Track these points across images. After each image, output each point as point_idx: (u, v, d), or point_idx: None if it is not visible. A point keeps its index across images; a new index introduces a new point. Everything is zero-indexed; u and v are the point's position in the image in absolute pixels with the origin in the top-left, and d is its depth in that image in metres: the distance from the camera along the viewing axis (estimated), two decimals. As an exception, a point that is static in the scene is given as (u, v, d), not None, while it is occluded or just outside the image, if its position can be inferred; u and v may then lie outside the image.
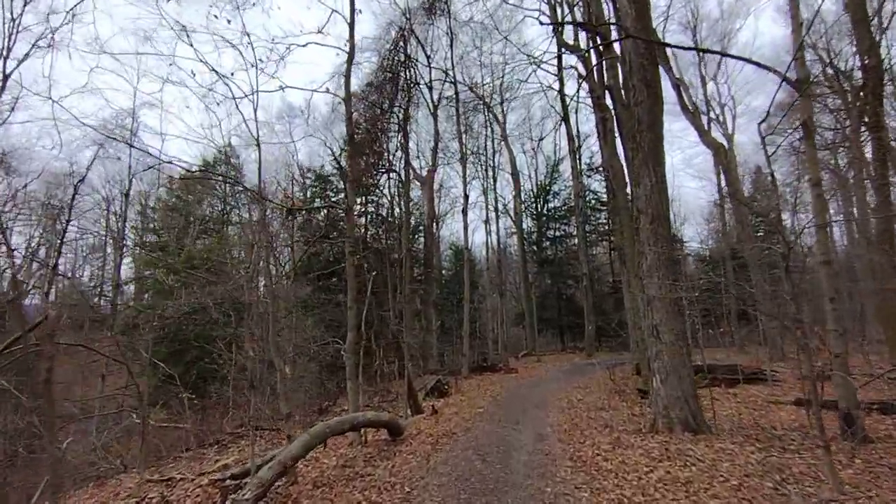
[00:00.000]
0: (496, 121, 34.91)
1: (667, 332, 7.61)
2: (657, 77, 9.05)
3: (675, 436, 6.97)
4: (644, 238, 8.21)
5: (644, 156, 8.52)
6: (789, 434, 7.44)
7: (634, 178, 8.68)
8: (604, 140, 17.12)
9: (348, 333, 7.72)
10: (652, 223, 8.17)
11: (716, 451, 6.20)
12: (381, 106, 22.03)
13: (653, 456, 6.07)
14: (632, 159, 8.86)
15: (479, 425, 9.07)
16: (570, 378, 17.34)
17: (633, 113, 8.95)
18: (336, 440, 7.58)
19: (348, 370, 7.70)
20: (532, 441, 7.63)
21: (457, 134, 22.72)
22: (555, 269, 36.67)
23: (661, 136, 8.83)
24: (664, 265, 7.96)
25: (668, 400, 7.37)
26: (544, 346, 34.82)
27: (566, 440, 7.50)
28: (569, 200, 37.68)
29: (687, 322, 9.20)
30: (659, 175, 8.45)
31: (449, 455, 6.88)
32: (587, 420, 9.12)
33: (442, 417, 10.02)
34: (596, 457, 6.33)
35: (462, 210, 21.75)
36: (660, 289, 7.81)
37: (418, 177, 29.92)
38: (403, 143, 22.69)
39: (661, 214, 8.24)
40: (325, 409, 12.38)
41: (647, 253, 8.11)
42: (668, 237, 8.24)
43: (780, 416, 9.28)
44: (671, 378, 7.41)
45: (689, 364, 7.58)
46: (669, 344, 7.55)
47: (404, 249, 21.07)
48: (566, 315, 35.31)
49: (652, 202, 8.27)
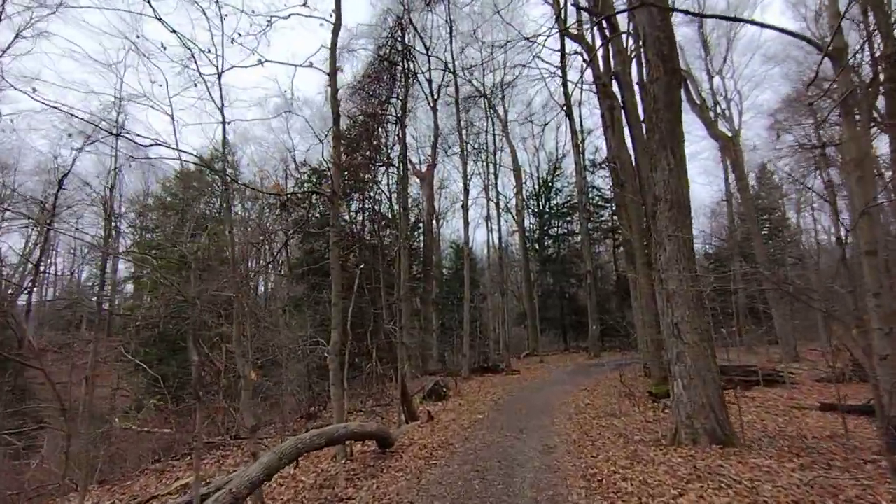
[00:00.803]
0: (497, 116, 34.20)
1: (689, 331, 6.77)
2: (674, 51, 8.22)
3: (700, 449, 6.13)
4: (662, 227, 7.37)
5: (661, 136, 7.69)
6: (825, 445, 6.61)
7: (651, 161, 7.84)
8: (611, 129, 16.30)
9: (332, 333, 6.91)
10: (671, 210, 7.33)
11: (751, 468, 5.36)
12: (378, 97, 21.24)
13: (679, 475, 5.22)
14: (648, 141, 8.04)
15: (479, 434, 8.24)
16: (575, 380, 16.51)
17: (648, 90, 8.13)
18: (318, 452, 6.76)
19: (332, 374, 6.88)
20: (538, 454, 6.80)
21: (456, 127, 21.80)
22: (557, 268, 35.95)
23: (680, 115, 8.00)
24: (685, 256, 7.13)
25: (691, 408, 6.53)
26: (547, 345, 34.01)
27: (577, 453, 6.67)
28: (571, 197, 36.93)
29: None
30: (678, 157, 7.62)
31: (444, 472, 6.04)
32: (598, 428, 8.29)
33: (438, 425, 9.19)
34: (613, 475, 5.49)
35: (462, 205, 20.92)
36: (680, 283, 6.97)
37: (417, 172, 29.14)
38: (401, 136, 21.88)
39: (680, 200, 7.40)
40: (313, 414, 11.56)
41: (665, 243, 7.28)
42: (688, 225, 7.40)
43: (807, 424, 8.47)
44: (695, 383, 6.57)
45: (714, 367, 6.74)
46: (692, 344, 6.71)
47: (401, 246, 20.24)
48: (569, 314, 34.60)
49: (671, 187, 7.43)
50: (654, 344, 13.96)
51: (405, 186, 21.53)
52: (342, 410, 6.91)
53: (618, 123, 15.94)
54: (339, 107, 7.59)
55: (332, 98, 7.44)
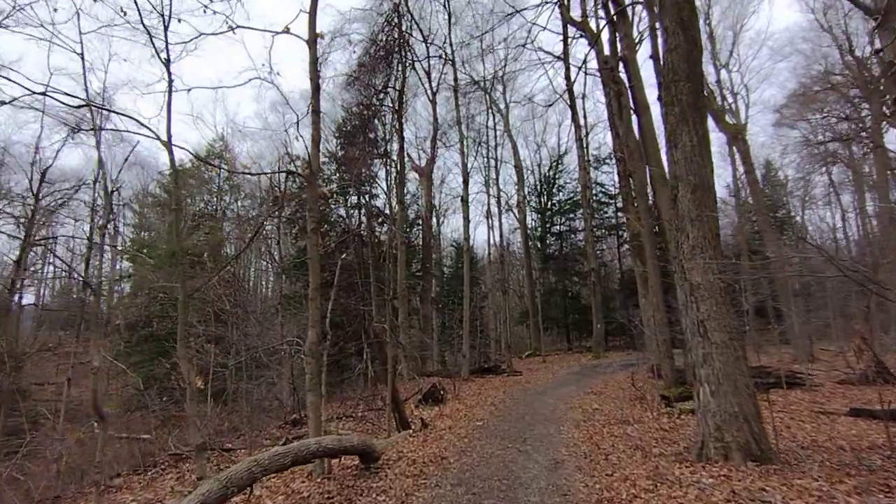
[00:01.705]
0: (498, 110, 33.38)
1: (717, 330, 5.90)
2: (694, 17, 7.37)
3: (734, 467, 5.26)
4: (684, 211, 6.50)
5: (682, 110, 6.82)
6: (871, 460, 5.74)
7: (670, 138, 6.97)
8: (618, 116, 15.41)
9: (309, 332, 6.06)
10: (694, 192, 6.46)
11: (799, 492, 4.49)
12: (373, 87, 20.40)
13: (715, 502, 4.36)
14: (666, 116, 7.16)
15: (477, 446, 7.37)
16: (581, 382, 15.64)
17: (666, 61, 7.26)
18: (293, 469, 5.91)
19: (308, 379, 6.02)
20: (544, 470, 5.93)
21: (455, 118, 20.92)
22: (560, 266, 35.21)
23: (702, 87, 7.17)
24: (711, 244, 6.25)
25: (721, 418, 5.66)
26: (549, 345, 33.10)
27: (588, 470, 5.79)
28: (574, 194, 36.09)
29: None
30: (700, 134, 6.75)
31: (433, 494, 5.17)
32: (610, 438, 7.41)
33: (432, 434, 8.31)
34: (634, 500, 4.63)
35: (461, 198, 20.04)
36: (706, 273, 6.10)
37: (416, 168, 28.29)
38: (398, 128, 21.03)
39: (704, 181, 6.53)
40: (299, 420, 10.69)
41: (688, 229, 6.40)
42: (713, 208, 6.54)
43: (839, 432, 7.60)
44: (724, 389, 5.70)
45: (746, 370, 5.87)
46: (721, 345, 5.84)
47: (398, 241, 19.40)
48: (572, 313, 33.82)
49: (693, 167, 6.56)
50: (665, 344, 13.10)
51: (402, 180, 20.69)
52: (319, 421, 6.05)
53: (626, 111, 15.07)
54: (318, 78, 6.76)
55: (311, 67, 6.60)
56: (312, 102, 6.53)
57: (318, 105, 6.63)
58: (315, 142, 6.56)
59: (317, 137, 6.60)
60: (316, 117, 6.53)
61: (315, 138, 6.56)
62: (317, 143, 6.61)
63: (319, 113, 6.69)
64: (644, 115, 14.61)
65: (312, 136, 6.55)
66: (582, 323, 32.87)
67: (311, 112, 6.50)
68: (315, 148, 6.58)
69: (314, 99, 6.57)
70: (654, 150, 14.39)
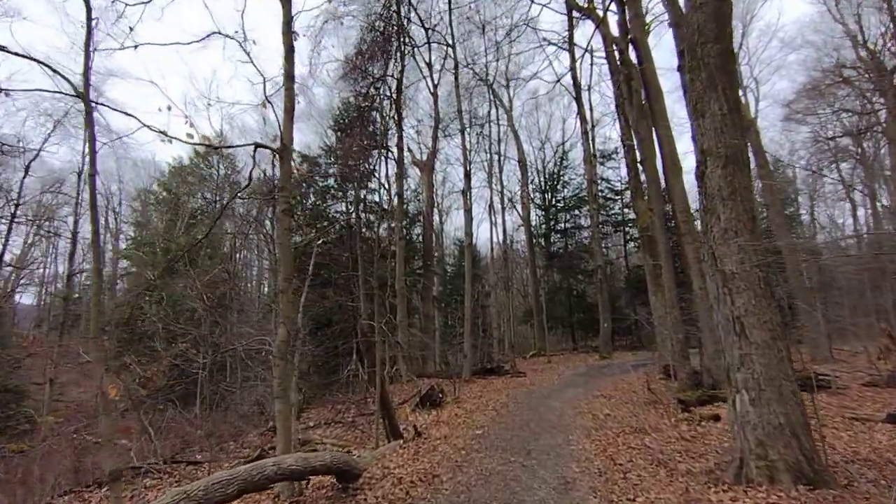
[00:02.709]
0: (502, 106, 32.47)
1: (756, 327, 5.00)
2: (722, -30, 6.46)
3: (783, 492, 4.37)
4: (714, 189, 5.60)
5: (710, 74, 5.91)
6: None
7: (695, 107, 6.06)
8: (628, 102, 14.49)
9: (278, 329, 5.20)
10: (725, 167, 5.56)
11: (872, 528, 3.60)
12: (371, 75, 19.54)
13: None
14: (690, 84, 6.25)
15: (475, 459, 6.47)
16: (589, 383, 14.73)
17: (690, 22, 6.35)
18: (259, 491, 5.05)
19: (276, 384, 5.15)
20: (552, 492, 5.04)
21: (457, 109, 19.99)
22: (564, 264, 34.31)
23: (732, 49, 6.25)
24: (747, 227, 5.35)
25: (764, 431, 4.76)
26: (554, 345, 32.17)
27: (605, 492, 4.90)
28: (579, 190, 35.18)
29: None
30: (732, 100, 5.85)
31: (420, 524, 4.31)
32: (627, 451, 6.51)
33: (426, 445, 7.41)
34: (665, 536, 3.73)
35: (462, 191, 19.14)
36: (741, 262, 5.21)
37: (417, 162, 27.45)
38: (397, 118, 20.16)
39: (737, 154, 5.63)
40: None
41: (719, 210, 5.50)
42: (749, 186, 5.64)
43: (881, 442, 6.70)
44: (767, 396, 4.80)
45: (792, 374, 4.96)
46: (762, 345, 4.94)
47: (397, 236, 18.54)
48: (577, 312, 32.94)
49: (724, 138, 5.66)
50: (681, 343, 12.20)
51: (401, 172, 19.79)
52: (288, 434, 5.17)
53: (636, 95, 14.15)
54: (292, 40, 5.91)
55: (284, 27, 5.75)
56: (285, 66, 5.68)
57: (291, 69, 5.78)
58: (288, 111, 5.71)
59: (289, 106, 5.74)
60: (289, 84, 5.69)
61: (288, 107, 5.71)
62: (290, 112, 5.75)
63: (293, 78, 5.83)
64: (656, 100, 13.71)
65: (285, 104, 5.70)
66: (587, 322, 32.01)
67: (284, 78, 5.66)
68: (288, 119, 5.73)
69: (287, 62, 5.71)
70: (666, 137, 13.50)
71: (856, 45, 24.32)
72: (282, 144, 5.61)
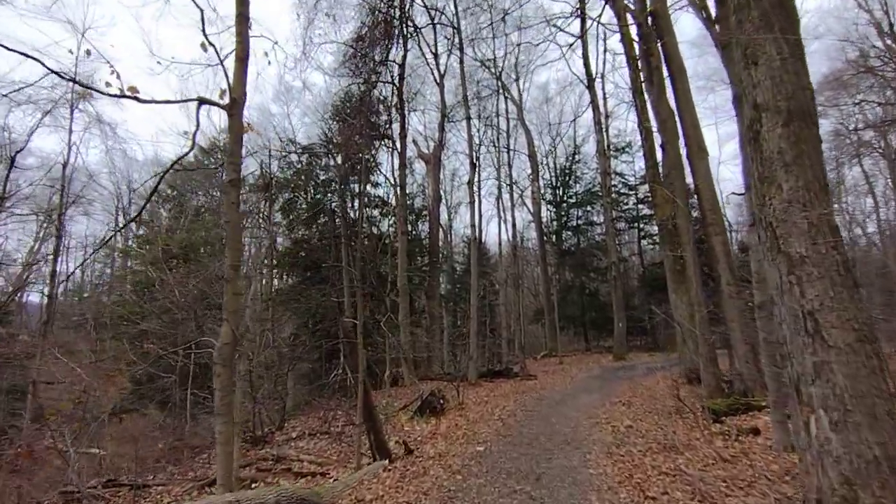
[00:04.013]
0: (512, 100, 31.31)
1: (836, 326, 3.82)
2: None
3: (887, 553, 3.18)
4: (773, 153, 4.40)
5: (763, 13, 4.73)
6: None
7: (746, 55, 4.87)
8: (648, 81, 13.24)
9: (223, 328, 4.12)
10: (787, 124, 4.37)
11: None
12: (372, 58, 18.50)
13: None
14: (737, 28, 5.06)
15: (473, 487, 5.34)
16: (605, 388, 13.54)
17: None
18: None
19: (217, 398, 4.05)
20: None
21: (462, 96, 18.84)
22: (577, 261, 33.13)
23: (788, -19, 5.06)
24: (819, 199, 4.16)
25: (851, 466, 3.58)
26: (566, 345, 30.96)
27: (638, 542, 3.75)
28: (592, 185, 33.90)
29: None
30: (792, 42, 4.65)
31: None
32: (658, 477, 5.34)
33: (415, 466, 6.27)
34: None
35: (468, 181, 18.00)
36: (814, 242, 4.03)
37: (422, 154, 26.42)
38: (399, 106, 19.09)
39: (803, 107, 4.43)
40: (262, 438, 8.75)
41: (780, 179, 4.32)
42: (818, 149, 4.44)
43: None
44: (856, 419, 3.62)
45: (887, 390, 3.76)
46: (845, 349, 3.76)
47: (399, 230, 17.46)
48: (589, 311, 31.73)
49: (785, 88, 4.47)
50: (709, 344, 10.97)
51: (404, 162, 18.69)
52: (230, 465, 4.06)
53: (657, 73, 12.91)
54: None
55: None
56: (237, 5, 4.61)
57: (246, 9, 4.70)
58: (240, 59, 4.64)
59: (242, 55, 4.67)
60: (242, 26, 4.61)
61: (240, 55, 4.64)
62: (242, 62, 4.68)
63: (248, 20, 4.75)
64: (679, 78, 12.49)
65: (237, 51, 4.64)
66: (600, 322, 30.80)
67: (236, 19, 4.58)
68: (240, 69, 4.66)
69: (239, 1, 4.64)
70: (690, 118, 12.28)
71: (881, 33, 22.99)
72: (231, 100, 4.55)
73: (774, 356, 7.35)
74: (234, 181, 4.51)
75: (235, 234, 4.46)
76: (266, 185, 18.22)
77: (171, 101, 4.52)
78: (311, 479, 6.39)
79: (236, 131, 4.56)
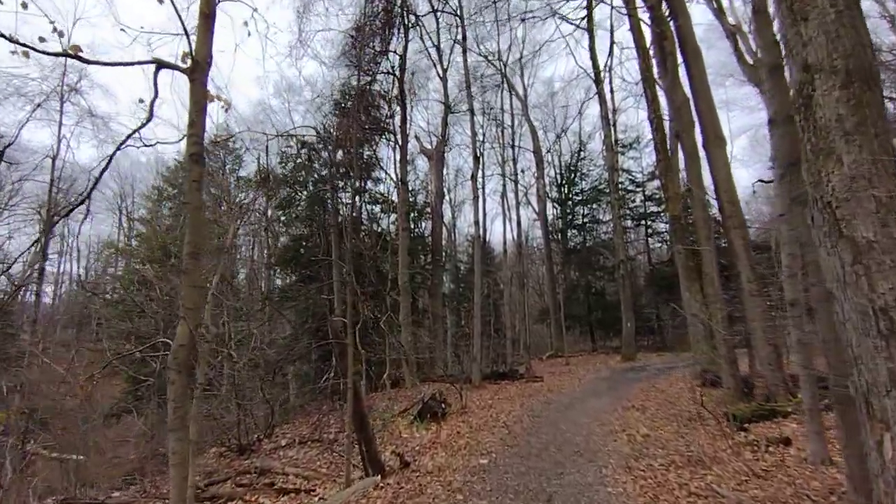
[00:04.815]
0: (516, 95, 30.65)
1: (917, 326, 3.13)
2: None
3: None
4: (829, 121, 3.72)
5: (811, -41, 4.04)
6: None
7: (790, 10, 4.18)
8: (662, 66, 12.57)
9: (178, 326, 3.50)
10: (846, 86, 3.69)
11: None
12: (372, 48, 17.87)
13: None
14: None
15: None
16: (616, 390, 12.85)
17: None
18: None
19: (170, 408, 3.40)
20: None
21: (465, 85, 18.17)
22: (583, 260, 32.43)
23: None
24: (889, 174, 3.47)
25: (944, 498, 2.88)
26: (572, 345, 30.20)
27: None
28: (598, 181, 33.19)
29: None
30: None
31: None
32: (686, 498, 4.67)
33: (410, 484, 5.60)
34: None
35: (471, 176, 17.32)
36: (884, 224, 3.35)
37: (425, 150, 25.80)
38: (399, 97, 18.45)
39: (864, 67, 3.74)
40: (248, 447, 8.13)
41: (839, 150, 3.63)
42: (883, 115, 3.75)
43: None
44: (947, 440, 2.93)
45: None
46: (929, 353, 3.06)
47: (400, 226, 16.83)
48: (596, 310, 31.01)
49: (841, 44, 3.78)
50: (728, 345, 10.27)
51: (404, 156, 18.05)
52: (184, 488, 3.42)
53: (671, 58, 12.23)
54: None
55: None
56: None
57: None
58: (205, 15, 3.99)
59: (207, 9, 4.03)
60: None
61: (205, 9, 4.00)
62: (208, 17, 4.03)
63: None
64: (694, 62, 11.78)
65: (201, 5, 4.00)
66: (607, 321, 30.08)
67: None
68: (205, 27, 4.02)
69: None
70: (707, 105, 11.57)
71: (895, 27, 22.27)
72: (193, 62, 3.91)
73: (810, 359, 6.69)
74: (195, 156, 3.85)
75: (196, 218, 3.83)
76: (264, 178, 17.61)
77: (121, 62, 3.88)
78: (294, 496, 5.74)
79: (197, 99, 3.92)
